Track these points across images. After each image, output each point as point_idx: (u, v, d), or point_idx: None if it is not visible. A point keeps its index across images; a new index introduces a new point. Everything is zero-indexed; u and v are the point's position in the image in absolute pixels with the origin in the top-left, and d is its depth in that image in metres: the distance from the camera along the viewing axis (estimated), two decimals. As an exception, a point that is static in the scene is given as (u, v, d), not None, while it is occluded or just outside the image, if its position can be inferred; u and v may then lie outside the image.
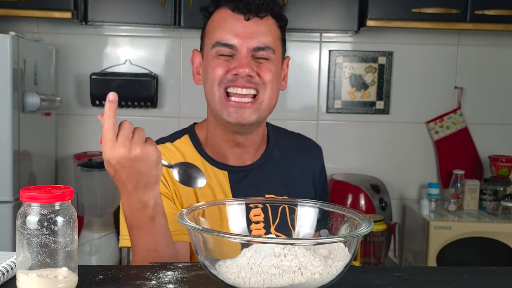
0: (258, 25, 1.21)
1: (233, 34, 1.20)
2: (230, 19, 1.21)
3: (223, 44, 1.20)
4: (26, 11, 2.41)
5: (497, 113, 2.94)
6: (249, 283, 0.81)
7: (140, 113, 2.78)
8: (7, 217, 2.10)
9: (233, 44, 1.20)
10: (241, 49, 1.20)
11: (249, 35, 1.20)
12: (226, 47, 1.20)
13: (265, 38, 1.21)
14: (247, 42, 1.20)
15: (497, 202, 2.65)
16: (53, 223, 0.81)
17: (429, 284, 0.95)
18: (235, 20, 1.21)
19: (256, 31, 1.21)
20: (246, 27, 1.20)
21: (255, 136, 1.30)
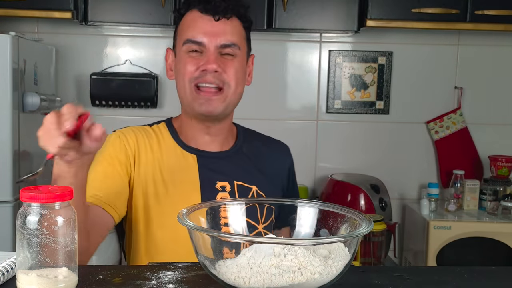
0: (225, 24, 1.32)
1: (202, 32, 1.30)
2: (199, 19, 1.32)
3: (193, 41, 1.31)
4: (26, 11, 2.41)
5: (497, 113, 2.94)
6: (249, 283, 0.81)
7: (140, 113, 2.78)
8: (7, 217, 2.10)
9: (202, 41, 1.30)
10: (209, 46, 1.30)
11: (216, 34, 1.31)
12: (196, 44, 1.30)
13: (231, 36, 1.32)
14: (214, 40, 1.30)
15: (497, 202, 2.65)
16: (53, 223, 0.81)
17: (429, 284, 0.95)
18: (204, 20, 1.31)
19: (223, 30, 1.32)
20: (214, 26, 1.31)
21: (223, 125, 1.39)
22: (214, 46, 1.30)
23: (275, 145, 1.51)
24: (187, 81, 1.31)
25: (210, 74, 1.29)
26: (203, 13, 1.31)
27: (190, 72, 1.30)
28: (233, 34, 1.32)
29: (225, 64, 1.31)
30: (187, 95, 1.33)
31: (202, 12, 1.31)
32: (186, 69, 1.31)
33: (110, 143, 1.35)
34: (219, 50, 1.31)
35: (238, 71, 1.33)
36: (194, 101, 1.31)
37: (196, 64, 1.30)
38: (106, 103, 2.69)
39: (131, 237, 1.35)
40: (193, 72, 1.30)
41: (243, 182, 1.36)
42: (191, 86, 1.31)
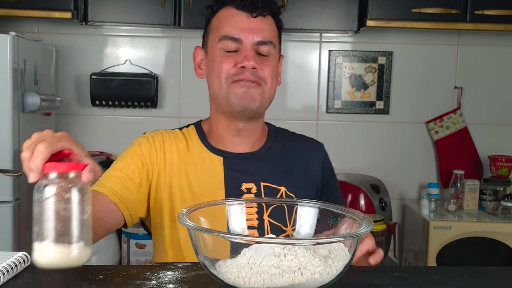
0: (261, 21, 1.29)
1: (239, 28, 1.28)
2: (236, 16, 1.29)
3: (229, 37, 1.28)
4: (26, 11, 2.41)
5: (497, 113, 2.94)
6: (249, 283, 0.81)
7: (140, 113, 2.79)
8: (7, 217, 2.10)
9: (239, 37, 1.27)
10: (246, 43, 1.27)
11: (253, 30, 1.28)
12: (233, 40, 1.27)
13: (268, 33, 1.30)
14: (251, 36, 1.28)
15: (497, 202, 2.65)
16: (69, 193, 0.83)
17: (429, 284, 0.95)
18: (241, 16, 1.29)
19: (260, 26, 1.29)
20: (251, 22, 1.28)
21: (255, 125, 1.36)
22: (251, 43, 1.27)
23: (307, 143, 1.46)
24: (223, 79, 1.28)
25: (248, 71, 1.26)
26: (239, 10, 1.29)
27: (226, 69, 1.27)
28: (269, 31, 1.30)
29: (261, 62, 1.28)
30: (223, 92, 1.29)
31: (238, 9, 1.29)
32: (222, 67, 1.28)
33: (137, 143, 1.34)
34: (255, 48, 1.28)
35: (274, 70, 1.31)
36: (231, 95, 1.28)
37: (233, 61, 1.27)
38: (106, 103, 2.69)
39: (157, 239, 1.33)
40: (230, 69, 1.27)
41: (271, 183, 1.32)
42: (228, 83, 1.28)
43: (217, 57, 1.29)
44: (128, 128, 2.79)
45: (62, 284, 0.89)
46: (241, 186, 1.30)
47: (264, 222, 1.17)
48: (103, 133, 2.81)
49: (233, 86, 1.27)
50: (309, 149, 1.43)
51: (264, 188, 1.30)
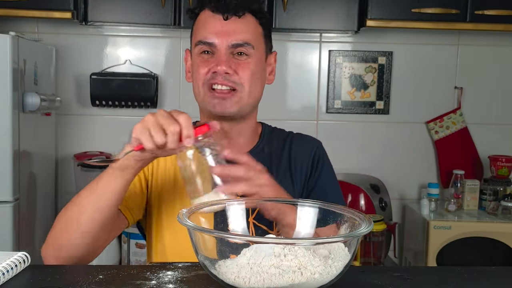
0: (236, 23, 1.28)
1: (212, 33, 1.27)
2: (211, 19, 1.28)
3: (204, 42, 1.27)
4: (26, 11, 2.41)
5: (497, 113, 2.94)
6: (249, 283, 0.81)
7: (140, 113, 2.78)
8: (7, 217, 2.10)
9: (212, 42, 1.27)
10: (219, 47, 1.26)
11: (226, 33, 1.27)
12: (206, 45, 1.27)
13: (243, 35, 1.27)
14: (225, 40, 1.26)
15: (497, 202, 2.65)
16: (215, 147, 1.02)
17: (429, 284, 0.95)
18: (215, 20, 1.28)
19: (233, 29, 1.27)
20: (224, 26, 1.27)
21: (242, 126, 1.34)
22: (225, 46, 1.26)
23: (303, 141, 1.42)
24: (200, 84, 1.28)
25: (221, 76, 1.25)
26: (214, 13, 1.28)
27: (202, 74, 1.27)
28: (245, 33, 1.27)
29: (237, 65, 1.27)
30: (201, 97, 1.30)
31: (213, 12, 1.28)
32: (199, 72, 1.28)
33: None
34: (230, 50, 1.27)
35: (254, 71, 1.28)
36: (208, 102, 1.28)
37: (207, 66, 1.27)
38: (106, 103, 2.69)
39: (150, 241, 1.33)
40: (205, 74, 1.27)
41: None
42: (205, 88, 1.28)
43: (195, 62, 1.30)
44: (128, 128, 2.77)
45: (62, 284, 0.89)
46: None
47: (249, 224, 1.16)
48: (103, 133, 2.81)
49: (209, 95, 1.28)
50: (303, 146, 1.40)
51: None
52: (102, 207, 1.12)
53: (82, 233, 1.13)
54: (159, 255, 1.30)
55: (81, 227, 1.13)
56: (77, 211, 1.14)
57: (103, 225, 1.13)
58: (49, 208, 2.68)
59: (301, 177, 1.35)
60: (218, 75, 1.25)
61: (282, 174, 1.34)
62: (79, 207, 1.14)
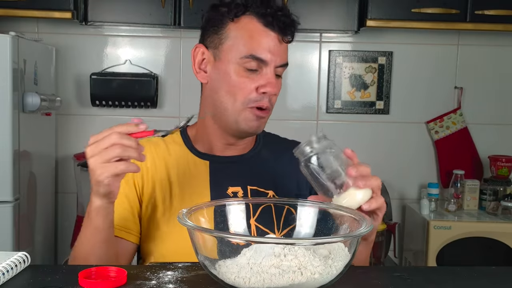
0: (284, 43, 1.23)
1: (267, 50, 1.20)
2: (264, 34, 1.20)
3: (256, 58, 1.19)
4: (26, 11, 2.41)
5: (497, 113, 2.94)
6: (249, 283, 0.81)
7: (140, 113, 2.78)
8: (7, 217, 2.10)
9: (266, 60, 1.20)
10: (270, 66, 1.20)
11: (279, 54, 1.21)
12: (259, 61, 1.20)
13: (286, 55, 1.24)
14: (275, 60, 1.21)
15: (497, 202, 2.65)
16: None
17: (429, 284, 0.95)
18: (270, 37, 1.20)
19: (283, 49, 1.23)
20: (278, 46, 1.21)
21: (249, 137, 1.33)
22: (273, 66, 1.20)
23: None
24: (240, 101, 1.21)
25: (267, 97, 1.21)
26: (268, 27, 1.20)
27: (246, 93, 1.20)
28: (287, 54, 1.24)
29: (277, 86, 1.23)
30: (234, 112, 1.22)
31: (266, 26, 1.20)
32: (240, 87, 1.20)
33: None
34: (275, 70, 1.21)
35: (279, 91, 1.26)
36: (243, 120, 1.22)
37: (253, 84, 1.20)
38: (106, 103, 2.69)
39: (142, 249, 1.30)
40: (250, 93, 1.20)
41: (258, 187, 1.28)
42: (244, 106, 1.21)
43: (234, 73, 1.21)
44: (128, 128, 2.79)
45: (62, 284, 0.89)
46: (227, 189, 1.26)
47: (251, 226, 1.16)
48: (103, 133, 2.80)
49: (248, 112, 1.21)
50: None
51: (251, 192, 1.27)
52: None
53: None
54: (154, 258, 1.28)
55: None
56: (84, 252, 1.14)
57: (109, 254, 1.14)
58: (49, 208, 2.68)
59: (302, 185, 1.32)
60: (266, 96, 1.20)
61: (287, 176, 1.33)
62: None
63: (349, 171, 0.99)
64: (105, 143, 1.03)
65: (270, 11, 1.20)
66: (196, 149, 1.32)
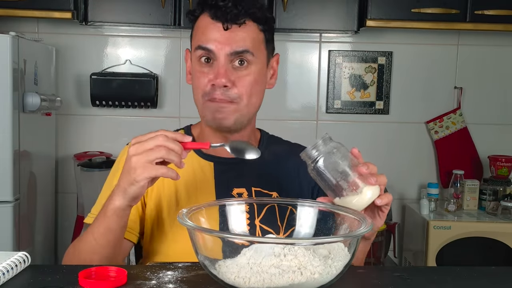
0: (236, 31, 1.23)
1: (211, 40, 1.23)
2: (210, 26, 1.24)
3: (203, 48, 1.24)
4: (26, 11, 2.41)
5: (497, 113, 2.94)
6: (249, 283, 0.81)
7: (140, 113, 2.79)
8: (7, 217, 2.10)
9: (211, 49, 1.23)
10: (218, 55, 1.22)
11: (225, 42, 1.22)
12: (205, 50, 1.23)
13: (243, 43, 1.23)
14: (224, 49, 1.22)
15: (496, 202, 2.65)
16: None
17: (429, 284, 0.95)
18: (215, 27, 1.23)
19: (233, 37, 1.23)
20: (224, 34, 1.23)
21: (242, 133, 1.32)
22: (224, 55, 1.22)
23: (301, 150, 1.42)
24: (200, 95, 1.26)
25: (219, 89, 1.22)
26: (214, 20, 1.23)
27: (202, 86, 1.24)
28: (245, 40, 1.23)
29: (236, 77, 1.23)
30: (199, 106, 1.28)
31: (213, 19, 1.23)
32: (198, 82, 1.25)
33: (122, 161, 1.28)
34: (230, 59, 1.22)
35: (252, 81, 1.25)
36: (206, 111, 1.26)
37: (206, 76, 1.24)
38: (106, 103, 2.69)
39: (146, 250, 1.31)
40: (205, 86, 1.24)
41: (262, 188, 1.28)
42: (204, 99, 1.25)
43: (195, 68, 1.27)
44: (128, 128, 2.79)
45: (62, 284, 0.89)
46: (232, 190, 1.27)
47: (256, 227, 1.16)
48: (103, 133, 2.81)
49: (207, 103, 1.25)
50: None
51: (255, 193, 1.27)
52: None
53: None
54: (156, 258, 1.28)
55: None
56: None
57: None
58: (49, 208, 2.68)
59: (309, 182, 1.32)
60: (217, 88, 1.22)
61: (290, 178, 1.33)
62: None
63: (360, 169, 0.99)
64: (150, 144, 1.01)
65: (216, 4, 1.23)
66: (200, 150, 1.32)
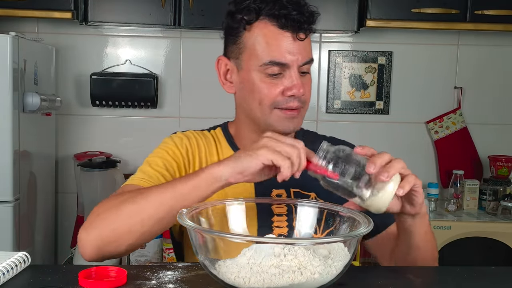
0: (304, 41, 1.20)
1: (285, 52, 1.17)
2: (279, 37, 1.18)
3: (277, 63, 1.17)
4: (26, 11, 2.41)
5: (497, 113, 2.94)
6: (249, 283, 0.81)
7: (140, 113, 2.79)
8: (7, 217, 2.10)
9: (287, 63, 1.17)
10: (293, 67, 1.18)
11: (299, 53, 1.18)
12: (279, 66, 1.18)
13: (309, 51, 1.21)
14: (297, 60, 1.18)
15: (496, 202, 2.65)
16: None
17: (429, 284, 0.95)
18: (286, 38, 1.17)
19: (303, 47, 1.19)
20: (296, 44, 1.18)
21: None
22: (296, 66, 1.18)
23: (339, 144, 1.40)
24: (267, 105, 1.19)
25: (296, 99, 1.18)
26: (284, 29, 1.17)
27: (272, 96, 1.18)
28: (309, 49, 1.21)
29: (304, 84, 1.20)
30: (264, 116, 1.21)
31: (281, 28, 1.17)
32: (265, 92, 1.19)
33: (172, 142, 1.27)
34: (299, 69, 1.19)
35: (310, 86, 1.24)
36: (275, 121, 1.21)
37: (278, 87, 1.18)
38: (106, 103, 2.70)
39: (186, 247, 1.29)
40: (276, 96, 1.18)
41: (300, 189, 1.26)
42: (271, 109, 1.20)
43: (257, 81, 1.19)
44: (128, 128, 2.79)
45: (62, 284, 0.89)
46: (271, 192, 1.25)
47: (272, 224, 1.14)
48: (103, 133, 2.81)
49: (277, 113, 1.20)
50: None
51: (294, 194, 1.25)
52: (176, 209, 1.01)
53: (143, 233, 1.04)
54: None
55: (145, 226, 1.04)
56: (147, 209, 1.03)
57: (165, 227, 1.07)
58: (49, 208, 2.68)
59: None
60: (295, 98, 1.18)
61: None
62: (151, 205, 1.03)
63: (368, 170, 0.96)
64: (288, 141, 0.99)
65: (283, 12, 1.17)
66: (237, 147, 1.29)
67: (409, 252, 1.11)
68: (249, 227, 1.03)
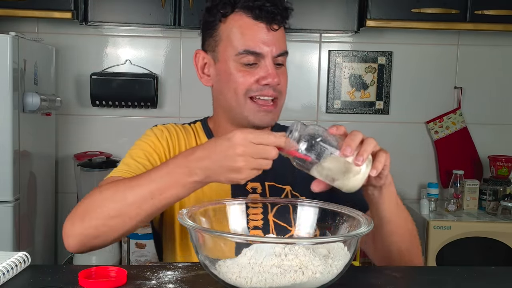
0: (278, 32, 1.23)
1: (259, 42, 1.21)
2: (254, 27, 1.21)
3: (250, 52, 1.21)
4: (26, 11, 2.41)
5: (497, 113, 2.94)
6: (250, 283, 0.81)
7: (140, 113, 2.79)
8: (7, 217, 2.10)
9: (261, 52, 1.21)
10: (267, 57, 1.21)
11: (273, 43, 1.21)
12: (254, 55, 1.21)
13: (283, 43, 1.24)
14: (271, 50, 1.21)
15: (496, 202, 2.65)
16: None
17: (429, 284, 0.95)
18: (260, 28, 1.21)
19: (277, 38, 1.23)
20: (270, 35, 1.22)
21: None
22: (271, 56, 1.21)
23: None
24: (241, 94, 1.22)
25: (271, 87, 1.21)
26: (258, 20, 1.21)
27: (246, 84, 1.21)
28: (284, 42, 1.24)
29: (280, 74, 1.23)
30: (240, 107, 1.24)
31: (256, 19, 1.21)
32: (240, 81, 1.22)
33: (152, 134, 1.30)
34: (274, 60, 1.22)
35: (286, 80, 1.27)
36: (250, 113, 1.23)
37: (252, 76, 1.21)
38: (106, 103, 2.70)
39: (166, 239, 1.31)
40: (251, 85, 1.21)
41: (276, 182, 1.28)
42: (246, 98, 1.22)
43: (233, 70, 1.22)
44: (128, 128, 2.79)
45: (62, 284, 0.89)
46: (247, 185, 1.27)
47: (269, 222, 1.15)
48: (103, 133, 2.81)
49: (251, 104, 1.22)
50: None
51: (269, 188, 1.27)
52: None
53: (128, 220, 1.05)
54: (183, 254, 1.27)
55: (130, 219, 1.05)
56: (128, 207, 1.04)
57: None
58: (49, 208, 2.68)
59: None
60: (270, 87, 1.21)
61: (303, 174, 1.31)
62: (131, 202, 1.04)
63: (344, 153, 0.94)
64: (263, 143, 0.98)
65: (257, 4, 1.21)
66: None
67: (382, 225, 1.10)
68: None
